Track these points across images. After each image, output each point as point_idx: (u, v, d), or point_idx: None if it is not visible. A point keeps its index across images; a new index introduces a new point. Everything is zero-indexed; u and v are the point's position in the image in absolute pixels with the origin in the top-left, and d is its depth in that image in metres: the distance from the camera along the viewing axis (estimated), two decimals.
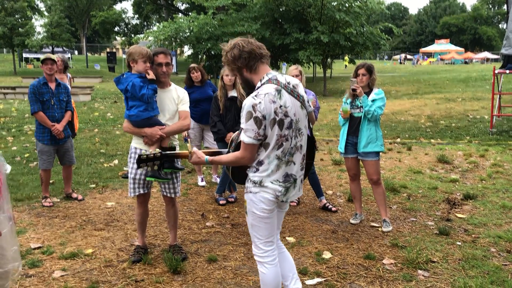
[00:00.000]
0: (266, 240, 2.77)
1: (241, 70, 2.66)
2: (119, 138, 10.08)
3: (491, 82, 10.98)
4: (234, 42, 2.63)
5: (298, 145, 2.67)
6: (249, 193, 2.70)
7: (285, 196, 2.68)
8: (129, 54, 3.67)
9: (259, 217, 2.69)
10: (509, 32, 10.37)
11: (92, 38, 68.96)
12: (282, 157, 2.61)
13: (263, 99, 2.49)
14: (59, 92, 5.47)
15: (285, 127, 2.56)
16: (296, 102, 2.62)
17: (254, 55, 2.60)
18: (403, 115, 13.44)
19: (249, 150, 2.57)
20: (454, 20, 75.38)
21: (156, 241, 4.41)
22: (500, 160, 7.58)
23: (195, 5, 26.68)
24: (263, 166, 2.61)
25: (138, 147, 3.78)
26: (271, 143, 2.56)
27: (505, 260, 3.88)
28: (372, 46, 22.70)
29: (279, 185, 2.63)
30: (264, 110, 2.48)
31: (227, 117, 5.44)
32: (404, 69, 40.32)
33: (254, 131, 2.51)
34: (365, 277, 3.62)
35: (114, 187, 6.28)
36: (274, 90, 2.53)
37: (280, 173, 2.63)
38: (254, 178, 2.65)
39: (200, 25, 21.13)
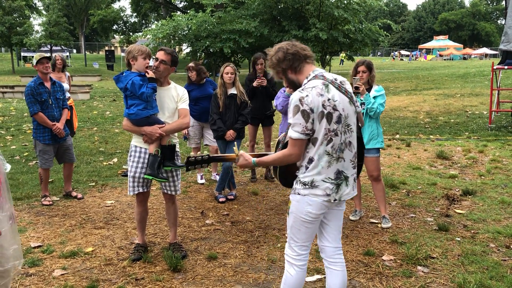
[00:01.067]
0: (302, 243, 2.68)
1: (286, 72, 2.63)
2: (118, 136, 10.08)
3: (490, 78, 10.98)
4: (279, 46, 2.63)
5: (347, 142, 2.57)
6: (297, 195, 2.59)
7: (337, 194, 2.57)
8: (129, 52, 3.67)
9: (302, 220, 2.59)
10: (507, 28, 10.37)
11: (90, 36, 68.78)
12: (333, 153, 2.52)
13: (310, 92, 2.44)
14: (55, 91, 5.48)
15: (334, 121, 2.48)
16: (344, 97, 2.55)
17: (298, 56, 2.58)
18: (402, 111, 13.45)
19: (298, 146, 2.49)
20: (452, 16, 75.33)
21: (156, 239, 4.42)
22: (499, 156, 7.59)
23: (193, 3, 26.66)
24: (313, 164, 2.52)
25: (138, 145, 3.79)
26: (319, 138, 2.48)
27: (504, 256, 3.89)
28: (371, 43, 22.69)
29: (330, 183, 2.54)
30: (312, 103, 2.43)
31: (226, 115, 5.45)
32: (403, 65, 40.32)
33: (301, 125, 2.44)
34: (365, 274, 3.63)
35: (114, 186, 6.28)
36: (322, 84, 2.49)
37: (332, 170, 2.54)
38: (305, 178, 2.55)
39: (199, 23, 21.09)
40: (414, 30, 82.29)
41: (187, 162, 2.89)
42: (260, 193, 5.89)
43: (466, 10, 76.84)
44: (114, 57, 37.45)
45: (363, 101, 4.51)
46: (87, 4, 50.18)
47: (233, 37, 20.69)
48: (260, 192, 5.95)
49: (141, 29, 54.47)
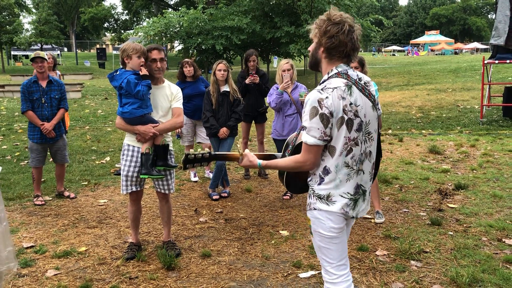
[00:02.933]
0: (338, 263, 2.34)
1: (319, 47, 2.27)
2: (111, 135, 10.03)
3: (481, 72, 11.05)
4: (343, 19, 2.20)
5: (368, 151, 2.29)
6: (313, 210, 2.30)
7: (354, 211, 2.29)
8: (123, 51, 3.65)
9: (328, 237, 2.29)
10: (497, 23, 10.42)
11: (81, 34, 68.34)
12: (353, 165, 2.24)
13: (331, 94, 2.15)
14: (51, 90, 5.42)
15: (355, 128, 2.20)
16: (368, 101, 2.26)
17: (343, 48, 2.21)
18: (394, 106, 13.50)
19: (314, 152, 2.20)
20: (443, 11, 75.72)
21: (150, 237, 4.41)
22: (490, 150, 7.64)
23: (185, 0, 26.55)
24: (330, 176, 2.24)
25: (131, 144, 3.77)
26: (338, 147, 2.20)
27: (496, 249, 3.92)
28: (363, 39, 22.71)
29: (349, 199, 2.26)
30: (332, 106, 2.14)
31: (219, 112, 5.44)
32: (395, 60, 40.44)
33: (320, 130, 2.15)
34: (359, 269, 3.65)
35: (106, 184, 6.26)
36: (344, 85, 2.19)
37: (351, 184, 2.26)
38: (320, 191, 2.27)
39: (190, 20, 21.01)
40: (405, 25, 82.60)
41: (185, 160, 2.60)
42: (253, 190, 5.89)
43: (457, 5, 77.25)
44: (106, 55, 37.24)
45: None
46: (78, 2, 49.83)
47: (225, 34, 20.64)
48: (254, 189, 5.95)
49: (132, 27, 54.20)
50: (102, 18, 59.52)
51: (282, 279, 3.51)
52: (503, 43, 10.21)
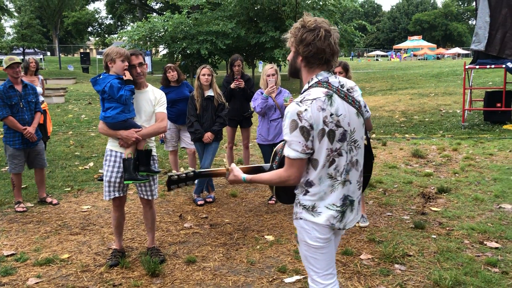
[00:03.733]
0: (324, 273, 2.30)
1: (297, 56, 2.21)
2: (94, 140, 9.93)
3: (462, 77, 11.23)
4: (318, 25, 2.12)
5: (354, 160, 2.22)
6: (300, 220, 2.26)
7: (341, 223, 2.22)
8: (107, 55, 3.62)
9: (314, 247, 2.25)
10: (477, 29, 10.62)
11: (64, 39, 67.62)
12: (337, 176, 2.17)
13: (310, 106, 2.08)
14: (27, 94, 5.35)
15: (337, 139, 2.13)
16: (351, 109, 2.18)
17: (321, 54, 2.14)
18: (378, 111, 13.63)
19: (296, 166, 2.14)
20: (425, 16, 76.89)
21: (134, 244, 4.37)
22: (472, 153, 7.76)
23: (169, 5, 26.48)
24: (314, 188, 2.18)
25: (114, 150, 3.74)
26: (320, 160, 2.14)
27: (478, 252, 3.97)
28: (347, 44, 22.93)
29: (335, 210, 2.19)
30: (311, 118, 2.07)
31: (204, 117, 5.42)
32: (378, 65, 40.87)
33: (301, 144, 2.09)
34: (343, 273, 3.66)
35: (90, 190, 6.19)
36: (324, 95, 2.11)
37: (337, 195, 2.19)
38: (305, 202, 2.22)
39: (175, 25, 20.96)
40: (388, 30, 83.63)
41: (169, 181, 2.49)
42: (239, 195, 5.88)
43: (439, 11, 78.53)
44: (90, 59, 36.84)
45: None
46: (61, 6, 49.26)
47: (210, 39, 20.64)
48: (239, 194, 5.94)
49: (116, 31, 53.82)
50: (86, 22, 59.06)
51: (267, 285, 3.50)
52: (483, 48, 10.40)
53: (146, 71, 3.80)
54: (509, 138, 9.02)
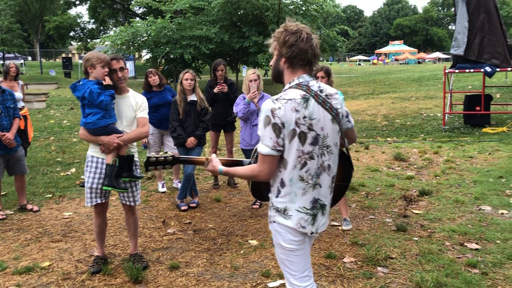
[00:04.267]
0: (301, 275, 2.32)
1: (281, 58, 2.27)
2: (76, 145, 9.82)
3: (443, 81, 11.42)
4: (299, 28, 2.22)
5: (326, 165, 2.26)
6: (273, 223, 2.30)
7: (313, 226, 2.27)
8: (87, 60, 3.58)
9: (289, 250, 2.28)
10: (457, 34, 10.81)
11: (46, 43, 66.77)
12: (308, 179, 2.22)
13: (284, 105, 2.15)
14: (5, 99, 5.27)
15: (309, 142, 2.18)
16: (327, 114, 2.23)
17: (303, 55, 2.22)
18: (360, 115, 13.76)
19: (268, 163, 2.19)
20: (406, 22, 78.02)
21: (116, 250, 4.33)
22: (452, 156, 7.88)
23: (152, 9, 26.34)
24: (285, 189, 2.23)
25: (95, 155, 3.70)
26: (290, 160, 2.19)
27: (458, 253, 4.03)
28: (329, 48, 23.11)
29: (305, 213, 2.24)
30: (284, 117, 2.13)
31: (187, 122, 5.41)
32: (361, 70, 41.29)
33: (272, 140, 2.15)
34: (327, 277, 3.68)
35: (72, 197, 6.11)
36: (301, 97, 2.17)
37: (307, 198, 2.24)
38: (278, 204, 2.27)
39: (158, 29, 20.86)
40: (370, 35, 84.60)
41: (147, 162, 2.63)
42: (223, 200, 5.87)
43: (419, 16, 79.77)
44: (72, 64, 36.46)
45: None
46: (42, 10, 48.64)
47: (193, 43, 20.59)
48: (223, 198, 5.93)
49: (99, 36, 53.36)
50: (68, 27, 58.45)
51: None
52: (462, 53, 10.59)
53: (127, 75, 3.78)
54: (488, 141, 9.19)
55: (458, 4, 10.85)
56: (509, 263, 3.80)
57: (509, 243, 4.18)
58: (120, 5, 44.24)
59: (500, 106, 13.10)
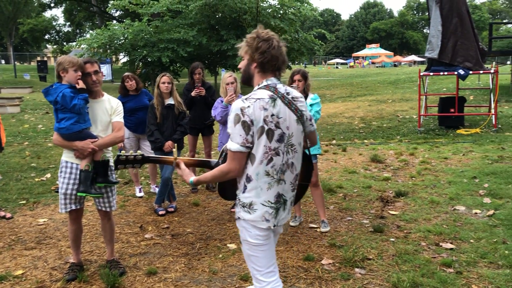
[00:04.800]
0: (266, 271, 2.47)
1: (252, 62, 2.41)
2: (52, 150, 9.63)
3: (418, 84, 11.62)
4: (270, 36, 2.37)
5: (290, 163, 2.40)
6: (239, 220, 2.45)
7: (276, 219, 2.41)
8: (59, 64, 3.52)
9: (255, 245, 2.42)
10: (431, 37, 11.03)
11: (20, 46, 65.45)
12: (273, 174, 2.35)
13: (253, 104, 2.29)
14: None
15: (275, 139, 2.32)
16: (292, 115, 2.38)
17: (274, 61, 2.38)
18: (338, 117, 13.88)
19: (237, 159, 2.32)
20: (383, 25, 79.31)
21: (93, 256, 4.26)
22: (428, 158, 8.01)
23: (130, 12, 26.09)
24: (252, 183, 2.36)
25: (69, 161, 3.64)
26: (258, 156, 2.32)
27: (434, 253, 4.10)
28: (307, 52, 23.28)
29: (270, 207, 2.38)
30: (253, 115, 2.27)
31: (164, 126, 5.37)
32: (338, 73, 41.71)
33: (242, 137, 2.28)
34: (305, 279, 3.69)
35: (47, 203, 5.99)
36: (268, 97, 2.32)
37: (272, 193, 2.37)
38: (244, 199, 2.40)
39: (135, 32, 20.66)
40: (347, 39, 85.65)
41: (117, 161, 2.72)
42: (201, 204, 5.84)
43: (395, 20, 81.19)
44: (47, 67, 35.79)
45: None
46: (16, 12, 47.69)
47: (171, 46, 20.46)
48: (202, 202, 5.90)
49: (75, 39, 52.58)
50: (43, 30, 57.44)
51: None
52: (436, 56, 10.81)
53: (101, 79, 3.73)
54: (462, 142, 9.39)
55: (432, 8, 11.07)
56: (482, 262, 3.88)
57: (482, 242, 4.27)
58: (96, 7, 43.66)
59: (474, 108, 13.41)
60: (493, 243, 4.23)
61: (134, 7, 22.09)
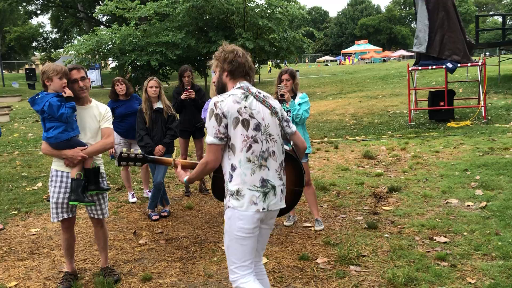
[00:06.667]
0: (241, 264, 2.58)
1: (223, 72, 2.67)
2: (43, 159, 9.55)
3: (407, 78, 11.67)
4: (235, 48, 2.67)
5: (271, 151, 2.59)
6: (227, 209, 2.57)
7: (265, 203, 2.53)
8: (43, 73, 3.49)
9: (236, 237, 2.53)
10: (418, 32, 11.09)
11: (7, 54, 64.92)
12: (254, 160, 2.52)
13: (226, 98, 2.53)
14: None
15: (251, 128, 2.53)
16: (266, 109, 2.62)
17: (242, 68, 2.64)
18: (329, 115, 13.91)
19: (213, 151, 2.54)
20: (371, 21, 79.61)
21: (87, 265, 4.22)
22: (419, 152, 8.05)
23: (117, 17, 25.97)
24: (236, 171, 2.52)
25: (59, 170, 3.61)
26: (237, 145, 2.51)
27: (428, 247, 4.12)
28: (296, 50, 23.30)
29: (256, 190, 2.52)
30: (225, 107, 2.49)
31: (154, 130, 5.34)
32: (328, 70, 41.82)
33: (215, 128, 2.50)
34: (301, 279, 3.69)
35: (39, 212, 5.94)
36: (241, 94, 2.57)
37: (256, 177, 2.52)
38: (231, 187, 2.54)
39: (123, 37, 20.56)
40: (336, 36, 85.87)
41: (120, 157, 2.98)
42: (195, 207, 5.82)
43: (383, 15, 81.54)
44: (36, 75, 35.55)
45: (289, 108, 4.62)
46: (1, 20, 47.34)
47: (160, 50, 20.40)
48: (195, 206, 5.88)
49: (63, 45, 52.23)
50: (30, 37, 57.01)
51: None
52: (424, 50, 10.87)
53: (89, 85, 3.70)
54: (453, 135, 9.44)
55: (418, 3, 11.13)
56: (476, 254, 3.90)
57: (475, 235, 4.29)
58: (83, 13, 43.41)
59: (463, 101, 13.49)
60: (486, 234, 4.26)
61: (121, 11, 21.97)
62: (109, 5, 21.47)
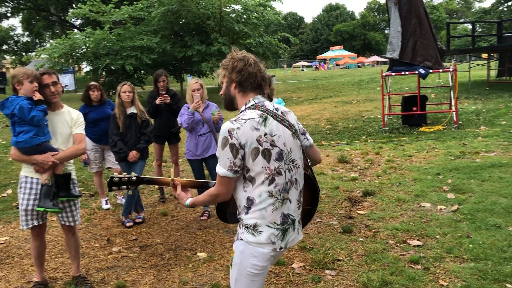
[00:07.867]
0: None
1: (231, 84, 2.34)
2: (12, 165, 9.30)
3: (381, 84, 11.85)
4: (245, 55, 2.33)
5: (293, 179, 2.30)
6: (240, 241, 2.27)
7: (283, 242, 2.25)
8: (13, 77, 3.41)
9: (247, 273, 2.25)
10: (391, 38, 11.28)
11: None
12: (277, 194, 2.22)
13: (243, 125, 2.17)
14: None
15: (274, 158, 2.21)
16: (287, 131, 2.29)
17: (254, 79, 2.29)
18: (305, 119, 14.00)
19: (225, 184, 2.23)
20: (345, 27, 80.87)
21: (58, 273, 4.12)
22: (393, 156, 8.17)
23: (91, 20, 25.59)
24: (255, 206, 2.22)
25: (29, 176, 3.52)
26: (257, 178, 2.20)
27: (402, 250, 4.17)
28: (272, 56, 23.42)
29: (276, 228, 2.23)
30: (242, 136, 2.15)
31: (127, 135, 5.27)
32: (304, 76, 42.16)
33: (229, 160, 2.17)
34: (276, 284, 3.68)
35: (8, 220, 5.77)
36: (259, 116, 2.21)
37: (277, 214, 2.23)
38: (248, 221, 2.24)
39: (97, 41, 20.28)
40: (311, 41, 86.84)
41: (110, 182, 2.58)
42: (170, 213, 5.75)
43: (357, 22, 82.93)
44: (6, 79, 34.65)
45: None
46: None
47: (134, 54, 20.18)
48: (170, 212, 5.81)
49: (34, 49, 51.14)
50: (0, 40, 55.64)
51: None
52: (397, 56, 11.05)
53: (60, 90, 3.62)
54: (426, 139, 9.62)
55: (391, 10, 11.33)
56: (448, 256, 3.97)
57: (447, 238, 4.37)
58: (56, 16, 42.65)
59: (435, 106, 13.78)
60: (458, 237, 4.34)
61: (95, 15, 21.70)
62: (83, 8, 21.18)
